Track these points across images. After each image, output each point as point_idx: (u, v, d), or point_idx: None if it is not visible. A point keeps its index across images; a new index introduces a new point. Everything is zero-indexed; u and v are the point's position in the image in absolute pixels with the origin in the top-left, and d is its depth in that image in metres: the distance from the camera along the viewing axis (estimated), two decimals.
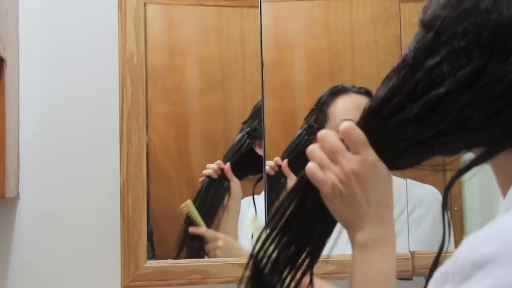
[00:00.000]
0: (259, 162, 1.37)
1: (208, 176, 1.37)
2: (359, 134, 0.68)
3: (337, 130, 1.45)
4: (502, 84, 0.58)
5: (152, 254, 1.34)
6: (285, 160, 1.36)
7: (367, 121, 0.68)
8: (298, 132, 1.39)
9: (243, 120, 1.39)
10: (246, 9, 1.41)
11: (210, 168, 1.37)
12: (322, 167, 0.69)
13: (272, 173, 1.36)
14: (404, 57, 0.66)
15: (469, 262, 0.51)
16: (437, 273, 0.55)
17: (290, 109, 1.44)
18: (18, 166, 1.37)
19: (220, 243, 1.36)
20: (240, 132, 1.39)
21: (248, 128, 1.39)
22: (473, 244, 0.52)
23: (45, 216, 1.38)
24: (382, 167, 0.68)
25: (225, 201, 1.38)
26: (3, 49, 1.26)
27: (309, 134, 1.38)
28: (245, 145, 1.39)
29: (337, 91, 1.39)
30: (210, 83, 1.41)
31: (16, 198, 1.37)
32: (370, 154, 0.67)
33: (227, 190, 1.38)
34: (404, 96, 0.63)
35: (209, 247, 1.36)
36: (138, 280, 1.31)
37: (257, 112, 1.38)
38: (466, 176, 0.63)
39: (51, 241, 1.37)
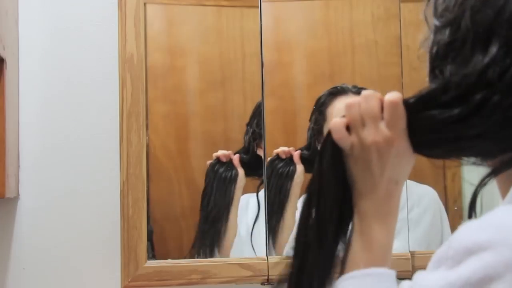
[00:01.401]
0: (260, 162, 1.38)
1: (217, 158, 1.38)
2: (401, 112, 0.65)
3: None
4: None
5: (152, 254, 1.34)
6: (298, 151, 1.37)
7: (413, 106, 0.65)
8: (308, 134, 1.40)
9: (243, 120, 1.39)
10: (246, 9, 1.41)
11: (221, 152, 1.38)
12: (350, 124, 0.68)
13: (283, 156, 1.36)
14: (439, 53, 0.64)
15: (462, 247, 0.52)
16: (433, 257, 0.55)
17: (290, 109, 1.44)
18: (18, 166, 1.37)
19: None
20: (246, 134, 1.39)
21: (251, 129, 1.39)
22: (467, 231, 0.53)
23: (45, 216, 1.38)
24: (407, 149, 0.66)
25: (234, 186, 1.39)
26: (3, 49, 1.26)
27: (311, 136, 1.39)
28: (250, 146, 1.39)
29: (335, 92, 1.39)
30: (210, 83, 1.41)
31: (16, 198, 1.37)
32: (401, 136, 0.65)
33: (236, 176, 1.38)
34: (453, 93, 0.61)
35: None
36: (138, 280, 1.31)
37: (258, 112, 1.39)
38: (471, 177, 0.63)
39: (51, 241, 1.37)
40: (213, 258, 1.36)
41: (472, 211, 0.62)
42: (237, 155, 1.38)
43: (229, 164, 1.38)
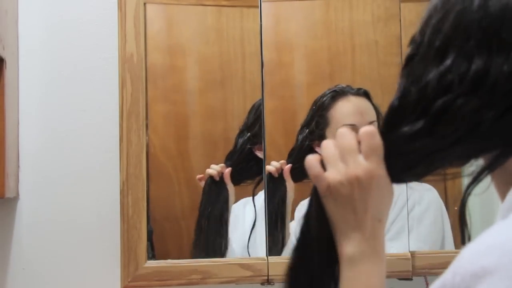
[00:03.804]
0: (259, 165, 1.37)
1: (211, 177, 1.37)
2: (378, 142, 0.65)
3: None
4: (510, 81, 0.57)
5: (152, 254, 1.34)
6: (288, 165, 1.36)
7: (385, 130, 0.65)
8: (300, 137, 1.39)
9: (243, 120, 1.39)
10: (246, 9, 1.41)
11: (214, 169, 1.37)
12: (328, 162, 0.66)
13: (276, 175, 1.36)
14: (406, 71, 0.64)
15: (470, 273, 0.50)
16: (436, 284, 0.54)
17: (290, 109, 1.44)
18: (18, 166, 1.37)
19: None
20: (241, 136, 1.39)
21: (249, 133, 1.38)
22: (472, 256, 0.51)
23: (45, 216, 1.38)
24: (387, 182, 0.65)
25: (227, 205, 1.38)
26: (3, 49, 1.26)
27: (311, 139, 1.38)
28: (246, 149, 1.39)
29: (335, 95, 1.39)
30: (210, 83, 1.41)
31: (16, 198, 1.37)
32: (380, 165, 0.65)
33: (227, 195, 1.38)
34: (414, 104, 0.61)
35: None
36: (138, 280, 1.31)
37: (256, 115, 1.38)
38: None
39: (51, 241, 1.37)
40: (213, 258, 1.36)
41: (463, 225, 0.61)
42: (229, 169, 1.37)
43: (222, 182, 1.37)
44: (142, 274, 1.31)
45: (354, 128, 1.33)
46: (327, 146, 0.67)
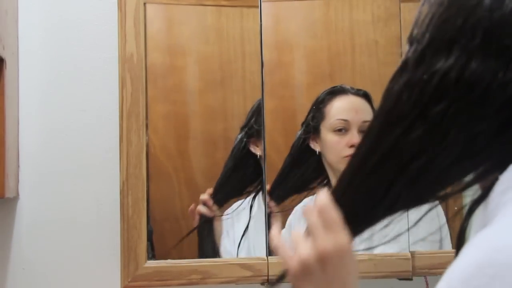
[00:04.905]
0: (256, 163, 1.38)
1: (202, 215, 1.38)
2: (334, 215, 0.64)
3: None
4: (505, 91, 0.53)
5: (152, 254, 1.34)
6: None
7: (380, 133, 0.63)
8: (298, 133, 1.40)
9: (243, 119, 1.39)
10: (246, 9, 1.41)
11: (203, 202, 1.37)
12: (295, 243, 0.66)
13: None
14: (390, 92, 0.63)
15: None
16: None
17: (290, 109, 1.44)
18: (18, 166, 1.37)
19: None
20: (239, 134, 1.39)
21: (247, 128, 1.39)
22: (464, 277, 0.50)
23: (45, 216, 1.38)
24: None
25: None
26: (3, 49, 1.26)
27: (306, 132, 1.39)
28: (242, 145, 1.39)
29: (335, 91, 1.40)
30: (210, 82, 1.41)
31: (15, 198, 1.37)
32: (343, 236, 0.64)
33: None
34: (409, 113, 0.59)
35: None
36: (138, 280, 1.31)
37: (254, 112, 1.39)
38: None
39: (51, 241, 1.37)
40: (213, 258, 1.36)
41: (460, 246, 0.59)
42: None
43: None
44: (142, 274, 1.31)
45: (347, 123, 1.35)
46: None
